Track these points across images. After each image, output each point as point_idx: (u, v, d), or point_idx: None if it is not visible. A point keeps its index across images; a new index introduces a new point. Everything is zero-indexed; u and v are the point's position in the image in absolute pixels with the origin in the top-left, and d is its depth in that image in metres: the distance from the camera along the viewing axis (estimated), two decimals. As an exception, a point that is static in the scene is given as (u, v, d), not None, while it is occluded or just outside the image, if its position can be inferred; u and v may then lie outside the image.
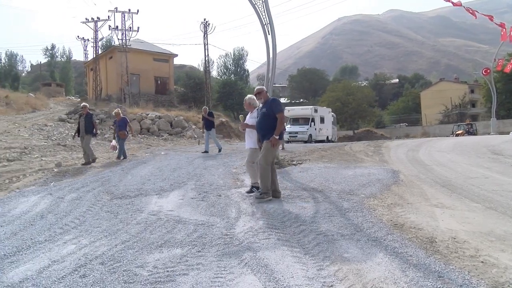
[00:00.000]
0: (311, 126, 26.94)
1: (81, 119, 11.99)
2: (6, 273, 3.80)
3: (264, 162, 6.40)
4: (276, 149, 6.57)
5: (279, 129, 6.37)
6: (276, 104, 6.51)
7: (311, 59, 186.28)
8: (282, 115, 6.44)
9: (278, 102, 6.60)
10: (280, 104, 6.54)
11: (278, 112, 6.39)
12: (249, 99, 7.25)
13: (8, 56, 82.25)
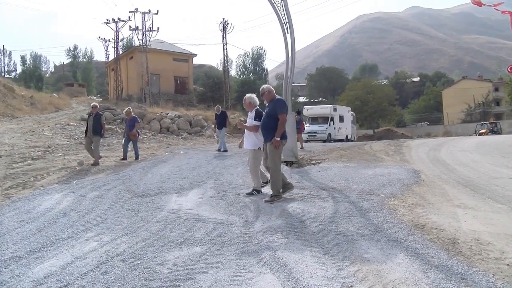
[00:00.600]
0: (330, 125, 26.77)
1: (90, 119, 11.80)
2: (32, 268, 3.90)
3: (273, 165, 6.41)
4: (281, 149, 6.49)
5: (280, 130, 6.28)
6: (279, 104, 6.40)
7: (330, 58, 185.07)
8: (284, 116, 6.34)
9: (281, 102, 6.47)
10: (283, 105, 6.42)
11: (280, 113, 6.31)
12: (248, 98, 7.04)
13: (32, 58, 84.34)
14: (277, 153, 6.42)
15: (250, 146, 6.94)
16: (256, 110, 6.88)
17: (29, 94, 30.93)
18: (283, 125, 6.32)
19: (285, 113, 6.39)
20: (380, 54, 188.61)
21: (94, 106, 12.11)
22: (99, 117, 11.77)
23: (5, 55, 75.94)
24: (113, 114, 23.58)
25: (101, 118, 11.82)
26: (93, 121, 11.57)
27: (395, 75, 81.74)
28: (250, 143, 6.92)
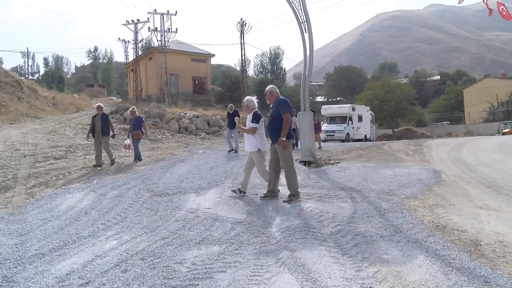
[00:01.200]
0: (348, 125, 26.54)
1: (97, 120, 11.34)
2: (55, 265, 3.99)
3: (286, 165, 6.40)
4: (290, 149, 6.45)
5: (285, 130, 6.25)
6: (281, 104, 6.37)
7: (348, 57, 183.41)
8: (288, 116, 6.28)
9: (284, 102, 6.42)
10: (285, 104, 6.38)
11: (283, 113, 6.27)
12: (246, 101, 7.05)
13: (54, 59, 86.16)
14: (287, 153, 6.38)
15: (250, 148, 6.93)
16: (254, 113, 6.87)
17: (51, 95, 31.66)
18: (287, 124, 6.27)
19: (289, 113, 6.32)
20: (400, 53, 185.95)
21: (99, 107, 11.71)
22: (106, 117, 11.55)
23: (28, 57, 77.81)
24: (132, 114, 23.86)
25: (108, 118, 11.64)
26: (101, 122, 11.30)
27: (415, 74, 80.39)
28: (250, 145, 6.90)
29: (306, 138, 10.85)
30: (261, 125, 6.86)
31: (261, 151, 6.81)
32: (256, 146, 6.79)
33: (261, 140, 6.82)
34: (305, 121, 10.93)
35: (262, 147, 6.80)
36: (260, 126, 6.85)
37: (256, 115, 6.83)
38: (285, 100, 6.48)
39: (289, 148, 6.43)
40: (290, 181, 6.43)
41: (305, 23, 10.70)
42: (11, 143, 14.11)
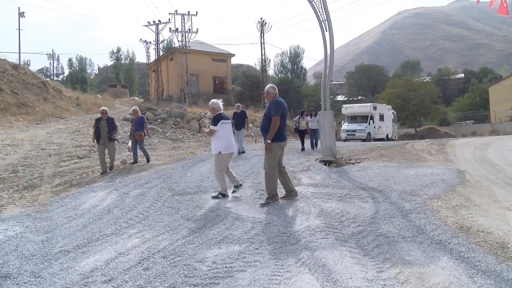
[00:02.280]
0: (369, 124, 26.22)
1: (102, 124, 10.61)
2: (79, 262, 4.08)
3: (267, 167, 6.35)
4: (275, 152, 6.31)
5: (272, 132, 6.14)
6: (273, 106, 6.26)
7: (369, 55, 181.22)
8: (276, 118, 6.14)
9: (277, 104, 6.28)
10: (278, 106, 6.24)
11: (273, 115, 6.17)
12: (211, 103, 7.13)
13: (78, 60, 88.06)
14: (270, 156, 6.29)
15: (212, 151, 7.03)
16: (215, 115, 6.91)
17: (75, 95, 32.35)
18: (274, 127, 6.14)
19: (279, 115, 6.15)
20: (423, 51, 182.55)
21: (104, 111, 10.95)
22: (111, 121, 10.87)
23: (54, 59, 79.73)
24: (154, 114, 24.16)
25: (114, 123, 10.95)
26: (108, 126, 10.63)
27: (438, 72, 78.78)
28: (212, 148, 7.00)
29: (326, 138, 10.78)
30: (224, 128, 6.89)
31: (222, 153, 6.82)
32: (217, 149, 6.84)
33: (223, 142, 6.84)
34: (325, 121, 10.87)
35: (223, 150, 6.82)
36: (223, 128, 6.88)
37: (215, 118, 6.88)
38: (278, 102, 6.32)
39: (275, 150, 6.27)
40: (268, 184, 6.35)
41: (326, 21, 10.63)
42: (37, 143, 14.48)
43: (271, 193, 6.29)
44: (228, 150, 6.91)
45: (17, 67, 27.90)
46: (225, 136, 6.89)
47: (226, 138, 6.91)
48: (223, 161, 6.90)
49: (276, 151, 6.32)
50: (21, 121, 20.93)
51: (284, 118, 6.37)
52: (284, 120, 6.34)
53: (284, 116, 6.35)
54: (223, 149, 6.82)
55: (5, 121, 20.20)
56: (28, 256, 4.28)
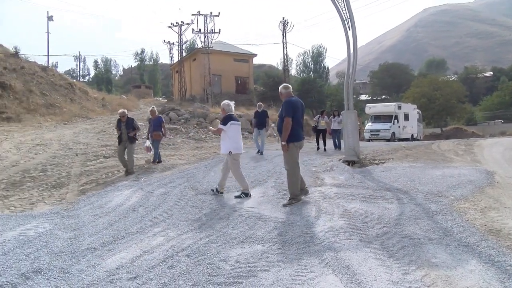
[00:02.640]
0: (394, 124, 25.80)
1: (122, 127, 10.37)
2: (105, 259, 4.16)
3: (287, 167, 6.35)
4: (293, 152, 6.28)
5: (285, 133, 6.12)
6: (284, 106, 6.21)
7: (393, 54, 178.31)
8: (288, 119, 6.09)
9: (287, 105, 6.20)
10: (288, 107, 6.17)
11: (284, 116, 6.13)
12: (222, 104, 7.26)
13: (103, 62, 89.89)
14: (289, 156, 6.27)
15: (222, 151, 7.12)
16: (225, 116, 7.04)
17: (101, 96, 33.08)
18: (286, 128, 6.11)
19: (290, 116, 6.09)
20: (448, 49, 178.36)
21: (122, 114, 10.61)
22: (131, 122, 10.48)
23: (80, 61, 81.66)
24: (177, 114, 24.44)
25: (133, 123, 10.51)
26: (126, 128, 10.31)
27: (464, 70, 76.91)
28: (222, 148, 7.09)
29: (350, 137, 10.68)
30: (233, 129, 6.99)
31: (232, 153, 6.92)
32: (227, 149, 6.94)
33: (233, 143, 6.94)
34: (348, 120, 10.77)
35: (233, 150, 6.92)
36: (232, 129, 6.97)
37: (225, 118, 6.98)
38: (289, 102, 6.26)
39: (292, 150, 6.26)
40: (290, 184, 6.34)
41: (349, 20, 10.52)
42: (64, 143, 14.87)
43: (294, 193, 6.28)
44: (237, 150, 7.02)
45: (45, 69, 28.71)
46: (234, 136, 7.00)
47: (235, 138, 7.02)
48: (235, 161, 7.02)
49: (294, 151, 6.31)
50: (49, 121, 21.52)
51: (299, 118, 6.31)
52: (298, 120, 6.29)
53: (298, 116, 6.29)
54: (233, 148, 6.94)
55: (35, 121, 20.81)
56: (57, 253, 4.39)
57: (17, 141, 14.60)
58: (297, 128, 6.27)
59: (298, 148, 6.44)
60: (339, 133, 15.02)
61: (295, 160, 6.35)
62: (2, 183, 8.74)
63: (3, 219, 6.02)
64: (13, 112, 20.86)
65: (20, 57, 27.16)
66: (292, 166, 6.29)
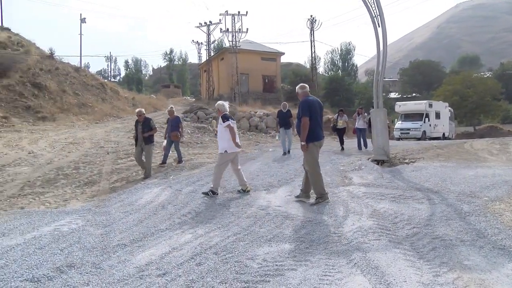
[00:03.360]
0: (425, 122, 25.20)
1: (138, 127, 10.01)
2: (135, 255, 4.25)
3: (308, 167, 6.31)
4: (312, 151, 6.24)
5: (303, 133, 6.11)
6: (301, 106, 6.21)
7: (424, 51, 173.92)
8: (305, 119, 6.06)
9: (303, 105, 6.19)
10: (305, 107, 6.14)
11: (301, 116, 6.11)
12: (217, 105, 7.52)
13: (134, 62, 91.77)
14: (309, 156, 6.24)
15: (219, 149, 7.30)
16: (222, 115, 7.27)
17: (131, 96, 33.80)
18: (304, 128, 6.09)
19: (307, 116, 6.08)
20: (483, 45, 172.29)
21: (139, 112, 10.27)
22: (148, 122, 10.05)
23: (111, 61, 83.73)
24: (205, 113, 24.70)
25: (150, 123, 10.09)
26: (143, 128, 9.91)
27: (500, 67, 74.12)
28: (219, 146, 7.31)
29: (379, 136, 10.51)
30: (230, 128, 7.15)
31: (228, 152, 7.12)
32: (223, 148, 7.16)
33: (230, 141, 7.12)
34: (377, 119, 10.60)
35: (229, 149, 7.12)
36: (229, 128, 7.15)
37: (225, 117, 7.22)
38: (305, 102, 6.25)
39: (311, 150, 6.22)
40: (313, 184, 6.29)
41: (378, 17, 10.35)
42: (96, 141, 15.27)
43: (320, 192, 6.25)
44: (233, 150, 7.18)
45: (78, 70, 29.56)
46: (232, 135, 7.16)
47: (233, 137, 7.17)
48: (226, 159, 7.20)
49: (313, 150, 6.28)
50: (81, 120, 22.16)
51: (317, 117, 6.26)
52: (316, 119, 6.24)
53: (316, 115, 6.25)
54: (229, 148, 7.11)
55: (68, 120, 21.47)
56: (89, 248, 4.52)
57: (51, 139, 15.11)
58: (316, 128, 6.25)
59: (318, 148, 6.41)
60: (364, 132, 14.64)
61: (316, 160, 6.32)
62: (38, 180, 9.06)
63: (39, 215, 6.24)
64: (48, 111, 21.59)
65: (55, 59, 28.07)
66: (312, 165, 6.27)
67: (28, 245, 4.66)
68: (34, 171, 9.89)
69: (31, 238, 4.97)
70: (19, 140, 14.34)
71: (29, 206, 6.99)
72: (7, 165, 10.41)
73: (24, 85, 22.35)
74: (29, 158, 11.51)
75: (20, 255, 4.31)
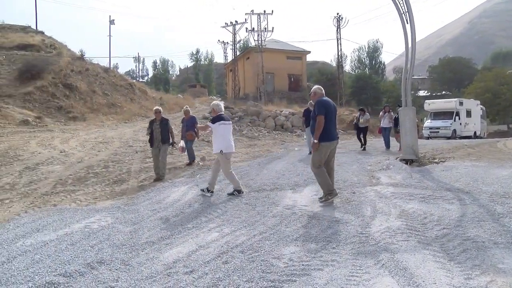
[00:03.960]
0: (455, 121, 24.53)
1: (155, 126, 9.62)
2: (163, 253, 4.32)
3: (312, 166, 6.33)
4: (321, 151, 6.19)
5: (317, 132, 6.12)
6: (317, 105, 6.25)
7: (454, 47, 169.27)
8: (320, 118, 6.08)
9: (319, 104, 6.23)
10: (320, 106, 6.19)
11: (316, 115, 6.14)
12: (212, 105, 7.51)
13: (161, 63, 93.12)
14: (316, 155, 6.25)
15: (214, 150, 7.25)
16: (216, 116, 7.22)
17: (159, 96, 34.33)
18: (319, 126, 6.11)
19: (322, 114, 6.11)
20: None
21: (158, 111, 9.92)
22: (166, 123, 9.73)
23: (139, 62, 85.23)
24: (231, 112, 24.82)
25: (168, 124, 9.79)
26: (161, 128, 9.56)
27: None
28: (214, 147, 7.25)
29: (407, 135, 10.31)
30: (224, 128, 7.14)
31: (224, 152, 7.05)
32: (218, 148, 7.08)
33: (224, 142, 7.10)
34: (406, 117, 10.39)
35: (225, 149, 7.07)
36: (223, 129, 7.13)
37: (215, 118, 7.19)
38: (321, 102, 6.30)
39: (321, 150, 6.20)
40: (320, 184, 6.31)
41: (407, 13, 10.14)
42: (125, 140, 15.60)
43: (328, 189, 6.23)
44: (228, 150, 7.19)
45: (107, 71, 30.26)
46: (225, 136, 7.17)
47: (226, 138, 7.19)
48: (227, 160, 7.19)
49: (323, 150, 6.25)
50: (111, 120, 22.67)
51: (331, 117, 6.28)
52: (331, 119, 6.26)
53: (331, 116, 6.26)
54: (225, 148, 7.10)
55: (98, 120, 22.02)
56: (118, 245, 4.62)
57: (82, 139, 15.53)
58: (330, 127, 6.26)
59: (329, 149, 6.35)
60: (389, 131, 14.23)
61: (321, 160, 6.28)
62: (70, 179, 9.33)
63: (70, 212, 6.43)
64: (78, 111, 22.21)
65: (85, 60, 28.82)
66: (315, 165, 6.27)
67: (60, 241, 4.81)
68: (65, 170, 10.18)
69: (63, 234, 5.13)
70: (52, 140, 14.81)
71: (61, 204, 7.20)
72: (41, 164, 10.77)
73: (56, 86, 23.07)
74: (61, 157, 11.87)
75: (53, 251, 4.45)
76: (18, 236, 5.08)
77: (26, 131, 16.77)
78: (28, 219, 6.03)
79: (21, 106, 20.50)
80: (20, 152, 11.97)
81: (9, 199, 7.47)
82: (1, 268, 3.97)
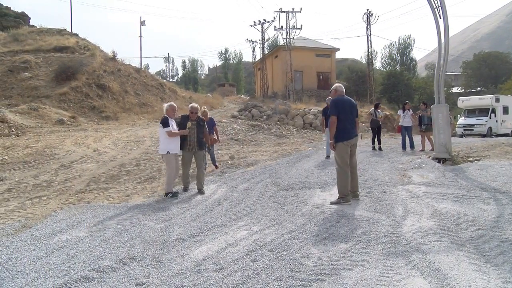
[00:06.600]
0: (491, 118, 23.69)
1: (192, 127, 7.75)
2: (193, 250, 4.37)
3: (336, 166, 6.32)
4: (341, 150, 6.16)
5: (331, 132, 6.20)
6: (331, 105, 6.31)
7: (491, 42, 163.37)
8: (333, 118, 6.10)
9: (334, 103, 6.23)
10: (332, 106, 6.21)
11: (329, 114, 6.20)
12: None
13: (190, 62, 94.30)
14: (337, 155, 6.22)
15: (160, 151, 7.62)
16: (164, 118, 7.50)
17: (188, 95, 34.75)
18: (332, 127, 6.16)
19: (335, 115, 6.12)
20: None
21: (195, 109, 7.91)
22: (203, 124, 8.09)
23: (169, 62, 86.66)
24: (259, 111, 24.86)
25: (205, 126, 8.24)
26: (197, 129, 7.85)
27: None
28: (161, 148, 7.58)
29: (441, 133, 10.03)
30: None
31: (170, 153, 7.39)
32: (164, 149, 7.43)
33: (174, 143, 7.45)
34: (439, 115, 10.12)
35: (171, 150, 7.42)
36: None
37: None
38: (335, 101, 6.29)
39: (339, 149, 6.16)
40: (338, 183, 6.25)
41: (440, 8, 9.86)
42: (156, 139, 15.85)
43: (342, 192, 6.15)
44: (175, 151, 7.52)
45: (139, 71, 30.86)
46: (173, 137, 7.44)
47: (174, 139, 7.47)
48: (170, 160, 7.42)
49: (342, 149, 6.20)
50: (142, 119, 23.13)
51: (347, 116, 6.22)
52: (346, 118, 6.21)
53: (346, 114, 6.21)
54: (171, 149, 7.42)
55: (130, 119, 22.51)
56: (149, 242, 4.72)
57: (114, 138, 15.91)
58: (346, 126, 6.20)
59: (347, 147, 6.27)
60: (409, 130, 13.39)
61: (344, 159, 6.22)
62: (103, 176, 9.58)
63: (103, 209, 6.60)
64: (111, 111, 22.78)
65: (117, 60, 29.49)
66: (340, 165, 6.21)
67: (94, 238, 4.95)
68: (99, 168, 10.46)
69: (96, 230, 5.28)
70: (85, 139, 15.24)
71: (95, 201, 7.40)
72: (75, 162, 11.10)
73: (89, 87, 23.73)
74: (94, 155, 12.20)
75: (87, 247, 4.59)
76: (55, 232, 5.26)
77: (61, 131, 17.34)
78: (63, 215, 6.24)
79: (57, 106, 21.21)
80: (56, 151, 12.38)
81: (46, 196, 7.74)
82: (40, 262, 4.12)
